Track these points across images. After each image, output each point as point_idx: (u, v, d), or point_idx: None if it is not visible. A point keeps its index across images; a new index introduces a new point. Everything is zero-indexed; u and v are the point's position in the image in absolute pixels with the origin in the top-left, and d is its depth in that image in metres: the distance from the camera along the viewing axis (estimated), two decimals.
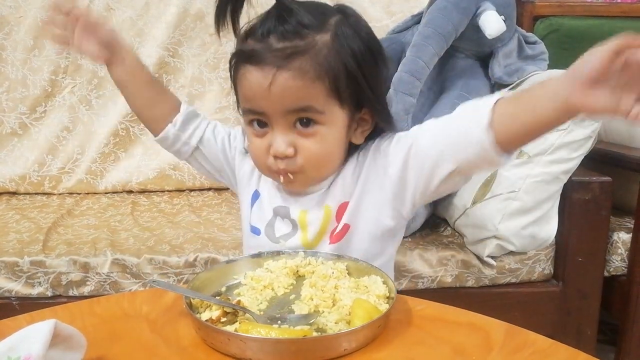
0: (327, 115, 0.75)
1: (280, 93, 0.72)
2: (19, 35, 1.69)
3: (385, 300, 0.67)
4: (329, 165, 0.79)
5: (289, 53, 0.72)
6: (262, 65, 0.73)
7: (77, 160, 1.71)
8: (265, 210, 0.85)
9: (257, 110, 0.76)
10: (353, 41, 0.75)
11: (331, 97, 0.74)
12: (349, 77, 0.75)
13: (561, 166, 1.22)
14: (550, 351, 0.60)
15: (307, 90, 0.73)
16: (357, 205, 0.80)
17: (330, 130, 0.76)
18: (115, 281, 1.21)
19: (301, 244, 0.82)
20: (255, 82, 0.74)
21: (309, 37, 0.73)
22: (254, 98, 0.75)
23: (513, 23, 1.44)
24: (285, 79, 0.72)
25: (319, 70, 0.73)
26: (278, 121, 0.75)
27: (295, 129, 0.75)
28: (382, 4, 1.80)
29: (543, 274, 1.30)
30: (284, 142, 0.75)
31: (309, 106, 0.74)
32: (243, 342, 0.57)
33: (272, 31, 0.72)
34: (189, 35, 1.74)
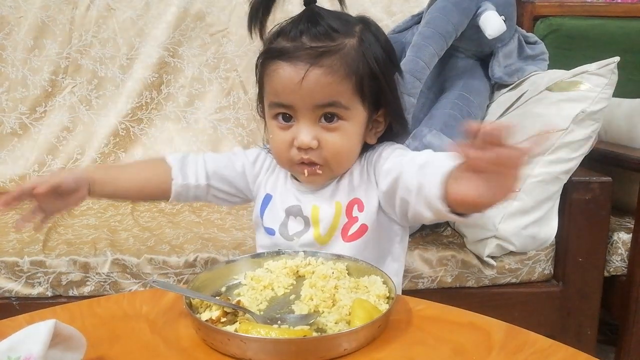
0: (351, 112, 0.80)
1: (311, 88, 0.77)
2: (19, 36, 1.69)
3: (385, 300, 0.67)
4: (349, 159, 0.84)
5: (321, 52, 0.77)
6: (295, 61, 0.77)
7: (77, 160, 1.71)
8: (278, 212, 0.89)
9: (286, 103, 0.80)
10: (375, 47, 0.81)
11: (356, 95, 0.79)
12: (372, 78, 0.80)
13: (561, 166, 1.22)
14: (550, 351, 0.60)
15: (336, 87, 0.77)
16: (371, 207, 0.84)
17: (353, 126, 0.81)
18: (115, 281, 1.21)
19: (314, 239, 0.85)
20: (287, 77, 0.78)
21: (338, 39, 0.78)
22: (284, 92, 0.79)
23: (513, 23, 1.44)
24: (317, 75, 0.76)
25: (347, 70, 0.78)
26: (305, 115, 0.79)
27: (320, 124, 0.80)
28: (383, 4, 1.80)
29: (543, 274, 1.30)
30: (309, 134, 0.79)
31: (337, 101, 0.78)
32: (243, 342, 0.57)
33: (304, 32, 0.77)
34: (189, 35, 1.74)
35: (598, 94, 1.20)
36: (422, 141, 1.28)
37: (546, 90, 1.27)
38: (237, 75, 1.75)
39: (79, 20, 1.71)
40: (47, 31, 1.70)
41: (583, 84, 1.21)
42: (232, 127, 1.75)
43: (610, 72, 1.20)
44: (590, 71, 1.21)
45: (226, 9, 1.75)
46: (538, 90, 1.29)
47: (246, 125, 1.75)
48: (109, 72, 1.72)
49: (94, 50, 1.72)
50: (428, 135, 1.28)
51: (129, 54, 1.73)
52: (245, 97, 1.75)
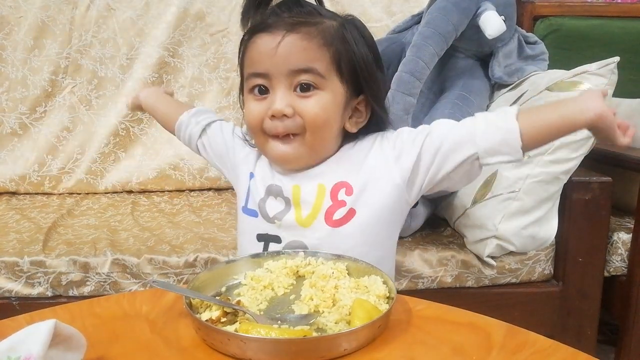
0: (327, 82, 0.79)
1: (286, 52, 0.76)
2: (19, 36, 1.69)
3: (385, 300, 0.67)
4: (325, 132, 0.81)
5: (299, 21, 0.78)
6: (272, 30, 0.78)
7: (77, 160, 1.71)
8: (258, 190, 0.86)
9: (261, 71, 0.79)
10: (357, 39, 0.81)
11: (333, 67, 0.79)
12: (350, 60, 0.80)
13: (561, 166, 1.22)
14: (550, 351, 0.60)
15: (312, 53, 0.77)
16: (361, 191, 0.81)
17: (329, 97, 0.79)
18: (115, 281, 1.21)
19: (295, 220, 0.82)
20: (264, 45, 0.78)
21: (318, 18, 0.79)
22: (259, 60, 0.79)
23: (513, 23, 1.44)
24: (293, 39, 0.77)
25: (324, 40, 0.78)
26: (280, 82, 0.78)
27: (295, 93, 0.78)
28: (383, 4, 1.80)
29: (543, 274, 1.30)
30: (283, 101, 0.78)
31: (313, 68, 0.77)
32: (243, 342, 0.57)
33: (286, 10, 0.79)
34: (189, 35, 1.74)
35: None
36: None
37: (546, 90, 1.27)
38: (237, 75, 1.73)
39: (79, 20, 1.71)
40: (47, 31, 1.70)
41: (583, 84, 1.21)
42: None
43: (610, 72, 1.20)
44: (590, 71, 1.21)
45: (226, 9, 1.75)
46: (538, 90, 1.29)
47: None
48: (109, 72, 1.72)
49: (94, 50, 1.72)
50: None
51: (129, 54, 1.73)
52: None
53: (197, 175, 1.73)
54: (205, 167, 1.73)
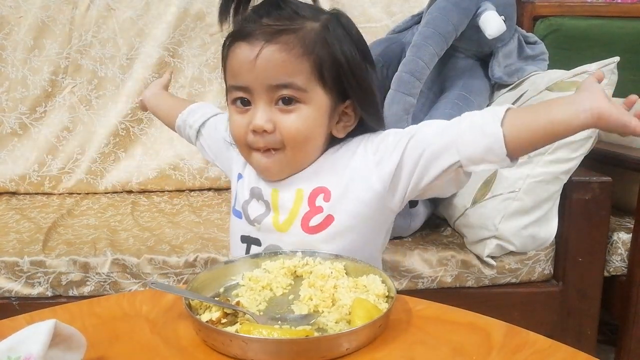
0: (309, 94, 0.76)
1: (264, 66, 0.74)
2: (19, 36, 1.69)
3: (385, 299, 0.67)
4: (307, 145, 0.79)
5: (278, 30, 0.74)
6: (251, 39, 0.75)
7: (77, 160, 1.71)
8: (244, 192, 0.86)
9: (242, 84, 0.77)
10: (342, 37, 0.78)
11: (314, 78, 0.76)
12: (334, 64, 0.76)
13: (561, 166, 1.22)
14: (550, 351, 0.60)
15: (291, 66, 0.74)
16: (340, 197, 0.79)
17: (312, 110, 0.77)
18: (115, 281, 1.21)
19: (272, 224, 0.81)
20: (243, 55, 0.75)
21: (298, 21, 0.76)
22: (239, 72, 0.76)
23: (513, 23, 1.44)
24: (271, 51, 0.74)
25: (303, 49, 0.75)
26: (261, 96, 0.76)
27: (276, 107, 0.76)
28: (382, 4, 1.80)
29: (543, 274, 1.30)
30: (263, 117, 0.76)
31: (292, 82, 0.75)
32: (245, 342, 0.57)
33: (265, 15, 0.75)
34: (189, 35, 1.74)
35: None
36: None
37: (546, 90, 1.27)
38: None
39: (79, 20, 1.71)
40: (47, 31, 1.70)
41: None
42: None
43: (610, 72, 1.20)
44: (590, 71, 1.21)
45: None
46: (538, 90, 1.29)
47: None
48: (109, 72, 1.72)
49: (94, 50, 1.72)
50: None
51: (129, 54, 1.73)
52: None
53: (197, 175, 1.73)
54: (205, 167, 1.73)
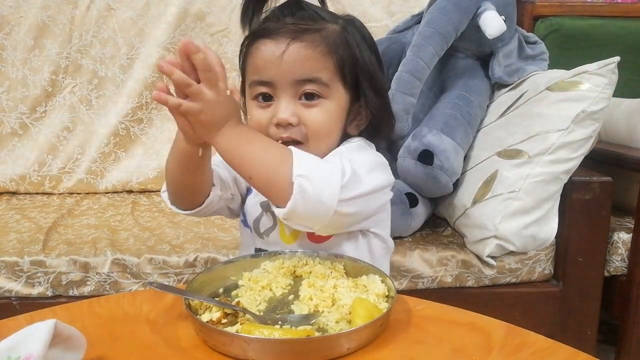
0: (331, 90, 0.78)
1: (291, 62, 0.75)
2: (19, 35, 1.69)
3: (385, 299, 0.67)
4: (328, 139, 0.80)
5: (303, 28, 0.76)
6: (276, 37, 0.76)
7: (78, 160, 1.71)
8: (254, 206, 0.86)
9: (266, 79, 0.78)
10: (360, 40, 0.81)
11: (337, 75, 0.78)
12: (354, 65, 0.79)
13: (561, 166, 1.22)
14: (550, 351, 0.60)
15: (316, 62, 0.76)
16: None
17: (333, 105, 0.79)
18: (115, 281, 1.21)
19: (280, 237, 0.82)
20: (268, 52, 0.77)
21: (320, 22, 0.78)
22: (264, 68, 0.77)
23: (513, 23, 1.44)
24: (298, 48, 0.75)
25: (328, 47, 0.77)
26: (285, 91, 0.77)
27: (300, 101, 0.77)
28: (383, 4, 1.80)
29: (543, 274, 1.30)
30: (288, 110, 0.77)
31: (317, 77, 0.77)
32: (246, 343, 0.57)
33: (289, 15, 0.78)
34: (189, 35, 1.74)
35: (598, 94, 1.20)
36: (422, 141, 1.28)
37: (546, 90, 1.27)
38: (237, 75, 1.74)
39: (79, 20, 1.71)
40: (47, 31, 1.70)
41: (583, 84, 1.21)
42: None
43: (610, 72, 1.20)
44: (591, 71, 1.21)
45: (226, 9, 1.75)
46: (538, 90, 1.29)
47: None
48: (109, 72, 1.72)
49: (94, 50, 1.72)
50: (428, 135, 1.28)
51: (129, 54, 1.73)
52: None
53: None
54: None
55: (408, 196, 1.29)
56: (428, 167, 1.26)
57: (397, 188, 1.30)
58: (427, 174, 1.27)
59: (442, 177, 1.27)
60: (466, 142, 1.34)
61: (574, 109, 1.20)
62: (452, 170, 1.28)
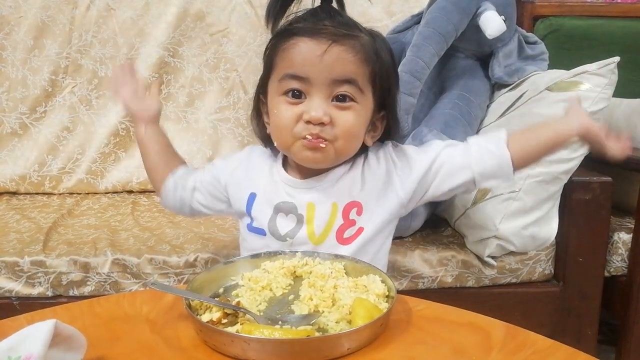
0: (364, 96, 0.81)
1: (332, 62, 0.77)
2: (19, 36, 1.69)
3: (385, 299, 0.67)
4: (354, 144, 0.83)
5: (344, 33, 0.79)
6: (317, 37, 0.78)
7: (78, 160, 1.71)
8: (264, 209, 0.87)
9: (302, 75, 0.78)
10: (386, 55, 0.84)
11: (370, 83, 0.81)
12: (384, 77, 0.83)
13: (561, 166, 1.22)
14: (550, 351, 0.60)
15: (355, 66, 0.79)
16: (370, 210, 0.85)
17: (363, 111, 0.82)
18: (115, 281, 1.21)
19: (308, 238, 0.85)
20: (308, 49, 0.78)
21: (357, 31, 0.81)
22: (302, 64, 0.78)
23: (513, 23, 1.44)
24: (339, 50, 0.78)
25: (365, 56, 0.80)
26: (319, 90, 0.78)
27: (332, 103, 0.79)
28: (383, 4, 1.79)
29: (543, 274, 1.30)
30: (321, 108, 0.78)
31: (355, 80, 0.79)
32: (247, 343, 0.57)
33: (327, 18, 0.80)
34: (189, 35, 1.74)
35: (598, 94, 1.20)
36: (422, 141, 1.28)
37: (546, 90, 1.27)
38: (237, 75, 1.75)
39: (79, 20, 1.71)
40: (47, 31, 1.70)
41: (583, 84, 1.21)
42: (232, 127, 1.75)
43: (610, 72, 1.20)
44: (590, 71, 1.21)
45: (226, 9, 1.75)
46: (538, 90, 1.29)
47: (246, 125, 1.75)
48: (109, 72, 1.72)
49: (94, 50, 1.72)
50: (428, 135, 1.28)
51: (129, 54, 1.73)
52: (245, 97, 1.75)
53: None
54: None
55: None
56: None
57: None
58: None
59: None
60: None
61: None
62: None
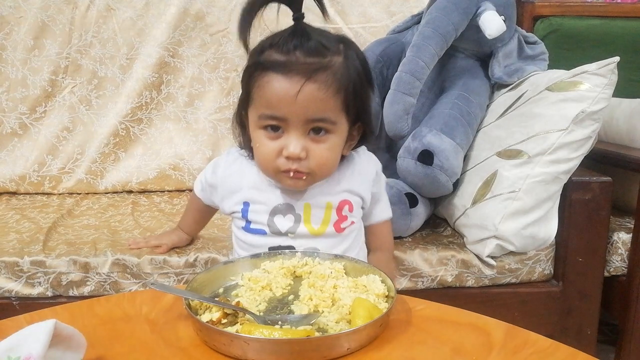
0: (337, 126, 0.85)
1: (306, 102, 0.81)
2: (19, 36, 1.69)
3: (385, 299, 0.67)
4: (331, 169, 0.90)
5: (316, 68, 0.81)
6: (290, 75, 0.80)
7: (77, 160, 1.71)
8: (261, 214, 0.92)
9: (279, 116, 0.83)
10: (357, 65, 0.86)
11: (342, 110, 0.85)
12: (355, 95, 0.85)
13: (561, 166, 1.22)
14: (550, 351, 0.60)
15: (327, 103, 0.82)
16: (358, 206, 0.95)
17: (338, 139, 0.87)
18: (115, 281, 1.21)
19: (308, 232, 0.91)
20: (283, 90, 0.81)
21: (328, 56, 0.82)
22: (278, 104, 0.82)
23: (513, 23, 1.44)
24: (312, 89, 0.80)
25: (338, 86, 0.82)
26: (296, 127, 0.83)
27: (308, 136, 0.84)
28: (383, 4, 1.80)
29: (543, 274, 1.30)
30: (299, 145, 0.83)
31: (327, 117, 0.83)
32: (246, 343, 0.57)
33: (298, 47, 0.81)
34: (188, 35, 1.74)
35: (598, 94, 1.20)
36: (422, 141, 1.28)
37: (546, 90, 1.27)
38: (237, 75, 1.75)
39: (79, 20, 1.71)
40: (47, 31, 1.70)
41: (583, 84, 1.21)
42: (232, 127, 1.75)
43: (610, 72, 1.20)
44: (590, 71, 1.21)
45: (226, 9, 1.75)
46: (538, 90, 1.29)
47: None
48: (109, 72, 1.72)
49: (94, 50, 1.72)
50: (428, 135, 1.28)
51: (129, 54, 1.73)
52: None
53: (196, 175, 1.72)
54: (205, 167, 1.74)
55: (408, 196, 1.30)
56: (428, 167, 1.26)
57: (397, 188, 1.30)
58: (427, 174, 1.27)
59: (441, 177, 1.27)
60: (466, 142, 1.34)
61: (573, 109, 1.20)
62: (451, 170, 1.28)
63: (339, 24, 1.77)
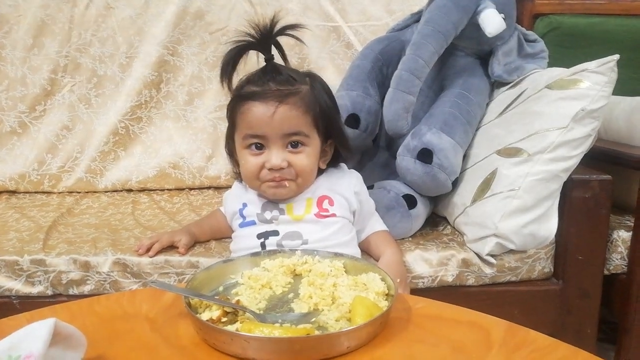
0: (310, 139, 1.02)
1: (281, 120, 0.98)
2: (18, 34, 1.69)
3: (384, 297, 0.67)
4: (310, 177, 1.06)
5: (286, 93, 0.99)
6: (266, 100, 0.98)
7: (77, 159, 1.71)
8: (254, 211, 1.09)
9: (260, 134, 1.00)
10: (322, 93, 1.05)
11: (314, 126, 1.02)
12: (322, 115, 1.03)
13: (561, 164, 1.22)
14: (550, 349, 0.60)
15: (299, 119, 1.00)
16: (339, 203, 1.09)
17: (312, 150, 1.03)
18: (115, 280, 1.21)
19: (290, 218, 1.05)
20: (260, 112, 0.99)
21: (296, 84, 1.01)
22: (258, 125, 0.99)
23: (513, 21, 1.44)
24: (285, 109, 0.98)
25: (306, 107, 1.00)
26: (275, 142, 1.00)
27: (287, 149, 1.01)
28: (382, 3, 1.79)
29: (543, 272, 1.30)
30: (279, 157, 1.00)
31: (301, 131, 1.00)
32: (246, 341, 0.57)
33: (271, 80, 1.00)
34: (188, 33, 1.74)
35: (598, 92, 1.20)
36: (422, 139, 1.28)
37: (546, 88, 1.27)
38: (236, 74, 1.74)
39: (79, 19, 1.71)
40: (46, 30, 1.70)
41: (583, 82, 1.21)
42: None
43: (610, 70, 1.20)
44: (590, 69, 1.21)
45: (226, 7, 1.75)
46: (538, 88, 1.29)
47: None
48: (109, 70, 1.72)
49: (94, 49, 1.72)
50: (427, 133, 1.28)
51: (129, 53, 1.73)
52: None
53: (196, 173, 1.73)
54: (205, 166, 1.73)
55: (405, 198, 1.29)
56: (427, 165, 1.26)
57: (394, 192, 1.30)
58: (426, 173, 1.27)
59: (441, 176, 1.27)
60: (465, 140, 1.34)
61: (573, 107, 1.20)
62: (451, 168, 1.28)
63: (338, 22, 1.77)
